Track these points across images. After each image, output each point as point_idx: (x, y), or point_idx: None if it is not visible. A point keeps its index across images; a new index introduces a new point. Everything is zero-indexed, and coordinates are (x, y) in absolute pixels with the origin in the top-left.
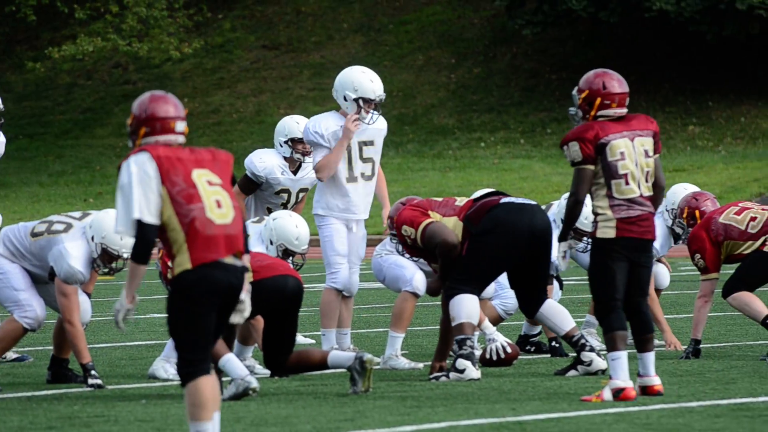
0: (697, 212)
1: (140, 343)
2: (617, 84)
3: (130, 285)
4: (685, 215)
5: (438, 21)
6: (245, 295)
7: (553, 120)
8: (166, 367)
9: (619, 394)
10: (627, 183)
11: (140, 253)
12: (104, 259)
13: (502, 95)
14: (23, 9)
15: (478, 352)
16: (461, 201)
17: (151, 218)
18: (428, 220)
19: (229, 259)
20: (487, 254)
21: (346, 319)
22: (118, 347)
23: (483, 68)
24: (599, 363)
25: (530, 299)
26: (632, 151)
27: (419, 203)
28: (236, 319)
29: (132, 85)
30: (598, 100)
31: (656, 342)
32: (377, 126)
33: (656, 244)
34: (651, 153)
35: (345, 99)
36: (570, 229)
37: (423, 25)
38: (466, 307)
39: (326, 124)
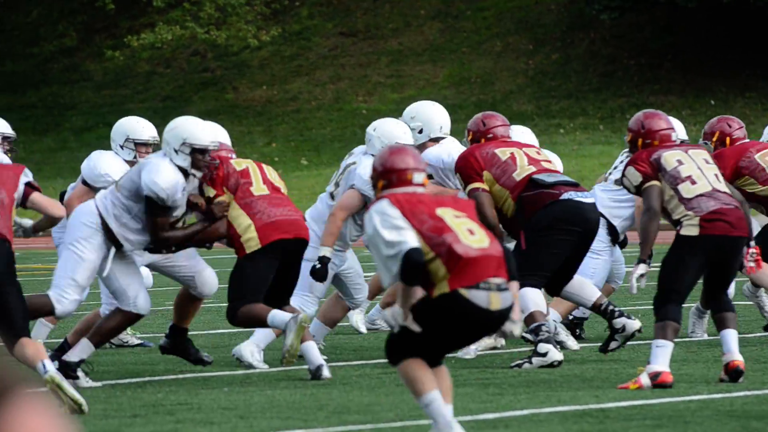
0: None
1: (222, 331)
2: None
3: (404, 304)
4: None
5: (516, 7)
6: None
7: (632, 105)
8: (254, 351)
9: (656, 378)
10: (693, 183)
11: (410, 277)
12: (197, 161)
13: (580, 81)
14: None
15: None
16: (520, 173)
17: (412, 242)
18: (474, 185)
19: (501, 288)
20: (549, 249)
21: None
22: (201, 335)
23: (561, 54)
24: (632, 325)
25: (560, 281)
26: (688, 157)
27: (481, 157)
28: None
29: (210, 73)
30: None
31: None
32: None
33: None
34: (711, 162)
35: None
36: (649, 249)
37: (501, 11)
38: (531, 297)
39: None
